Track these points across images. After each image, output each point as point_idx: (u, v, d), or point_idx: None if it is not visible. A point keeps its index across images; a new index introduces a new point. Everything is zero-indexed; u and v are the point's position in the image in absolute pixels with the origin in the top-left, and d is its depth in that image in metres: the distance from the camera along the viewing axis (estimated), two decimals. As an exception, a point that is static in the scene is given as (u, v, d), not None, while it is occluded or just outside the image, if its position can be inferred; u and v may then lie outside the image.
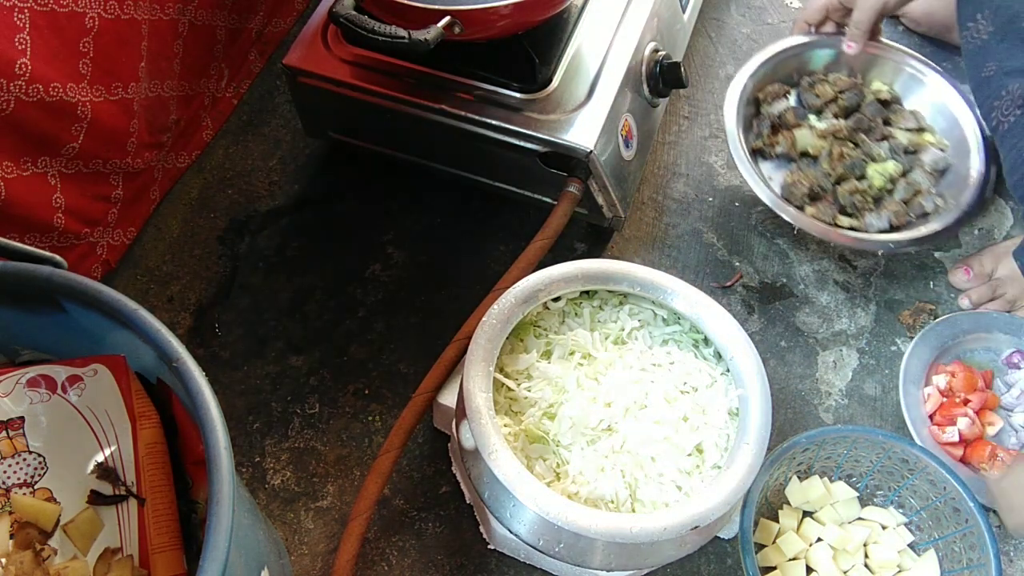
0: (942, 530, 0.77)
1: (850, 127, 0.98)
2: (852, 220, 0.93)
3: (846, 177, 0.95)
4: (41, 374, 0.59)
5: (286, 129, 1.06)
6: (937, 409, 0.88)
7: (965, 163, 0.96)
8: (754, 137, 0.99)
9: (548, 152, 0.84)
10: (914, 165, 0.97)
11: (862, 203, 0.92)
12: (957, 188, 0.94)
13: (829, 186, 0.94)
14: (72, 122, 0.78)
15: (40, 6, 0.70)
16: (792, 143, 0.97)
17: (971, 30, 0.93)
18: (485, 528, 0.80)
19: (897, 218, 0.92)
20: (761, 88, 1.01)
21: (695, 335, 0.76)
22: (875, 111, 1.00)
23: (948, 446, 0.85)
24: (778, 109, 1.00)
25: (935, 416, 0.87)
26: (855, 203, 0.92)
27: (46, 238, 0.82)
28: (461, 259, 0.97)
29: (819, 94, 1.01)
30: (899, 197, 0.94)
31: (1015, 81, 0.86)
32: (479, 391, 0.67)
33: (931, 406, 0.88)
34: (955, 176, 0.96)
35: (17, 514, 0.54)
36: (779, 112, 1.00)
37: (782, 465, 0.77)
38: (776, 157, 0.98)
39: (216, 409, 0.51)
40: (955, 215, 0.92)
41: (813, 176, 0.94)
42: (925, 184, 0.95)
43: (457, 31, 0.73)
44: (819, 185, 0.94)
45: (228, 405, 0.87)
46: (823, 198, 0.94)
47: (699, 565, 0.80)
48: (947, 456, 0.84)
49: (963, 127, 0.98)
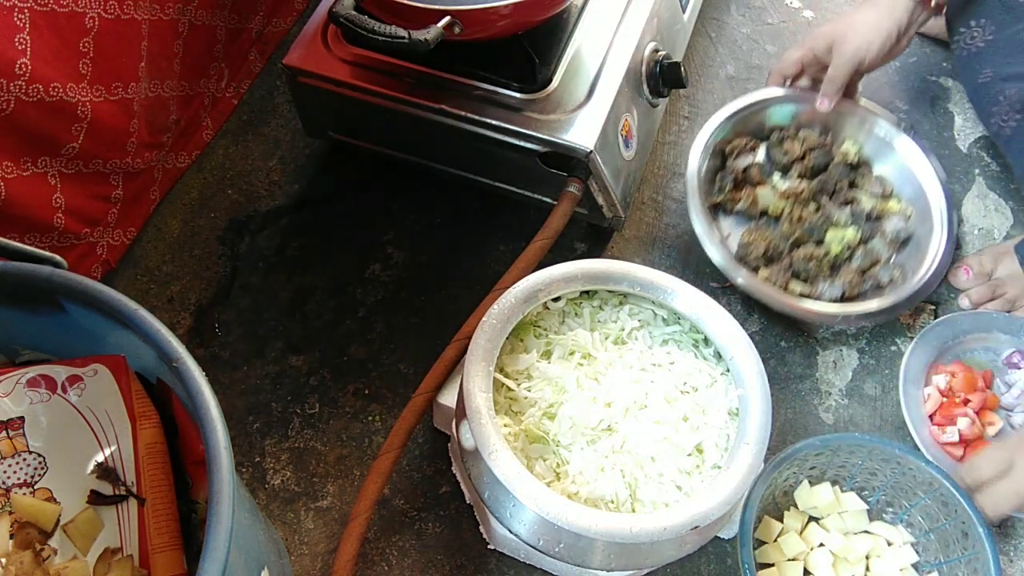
0: (948, 554, 0.76)
1: (814, 188, 0.96)
2: (805, 286, 0.90)
3: (804, 240, 0.92)
4: (41, 374, 0.59)
5: (286, 129, 1.06)
6: (937, 409, 0.87)
7: (928, 234, 0.93)
8: (716, 191, 0.96)
9: (548, 152, 0.84)
10: (875, 232, 0.94)
11: (816, 270, 0.90)
12: (917, 260, 0.92)
13: (786, 248, 0.92)
14: (72, 122, 0.78)
15: (40, 6, 0.70)
16: (753, 201, 0.94)
17: (964, 36, 0.93)
18: (485, 528, 0.80)
19: (851, 288, 0.89)
20: (729, 141, 0.98)
21: (695, 335, 0.76)
22: (842, 173, 0.97)
23: (948, 446, 0.85)
24: (743, 164, 0.97)
25: (935, 416, 0.87)
26: (809, 269, 0.90)
27: (46, 238, 0.82)
28: (461, 259, 0.97)
29: (787, 151, 0.98)
30: (856, 265, 0.92)
31: (1013, 86, 0.87)
32: (479, 391, 0.67)
33: (931, 406, 0.87)
34: (916, 247, 0.93)
35: (17, 514, 0.54)
36: (744, 167, 0.97)
37: (792, 466, 0.77)
38: (737, 213, 0.96)
39: (216, 409, 0.51)
40: (908, 292, 0.89)
41: (770, 237, 0.91)
42: (884, 254, 0.92)
43: (457, 31, 0.73)
44: (776, 247, 0.91)
45: (228, 405, 0.87)
46: (778, 261, 0.91)
47: (699, 565, 0.80)
48: (947, 456, 0.84)
49: (929, 197, 0.95)
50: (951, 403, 0.87)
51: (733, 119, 0.98)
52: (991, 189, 1.04)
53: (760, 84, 1.12)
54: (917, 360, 0.89)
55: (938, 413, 0.87)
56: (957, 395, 0.88)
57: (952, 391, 0.88)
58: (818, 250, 0.91)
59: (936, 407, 0.87)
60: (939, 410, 0.87)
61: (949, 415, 0.86)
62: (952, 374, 0.89)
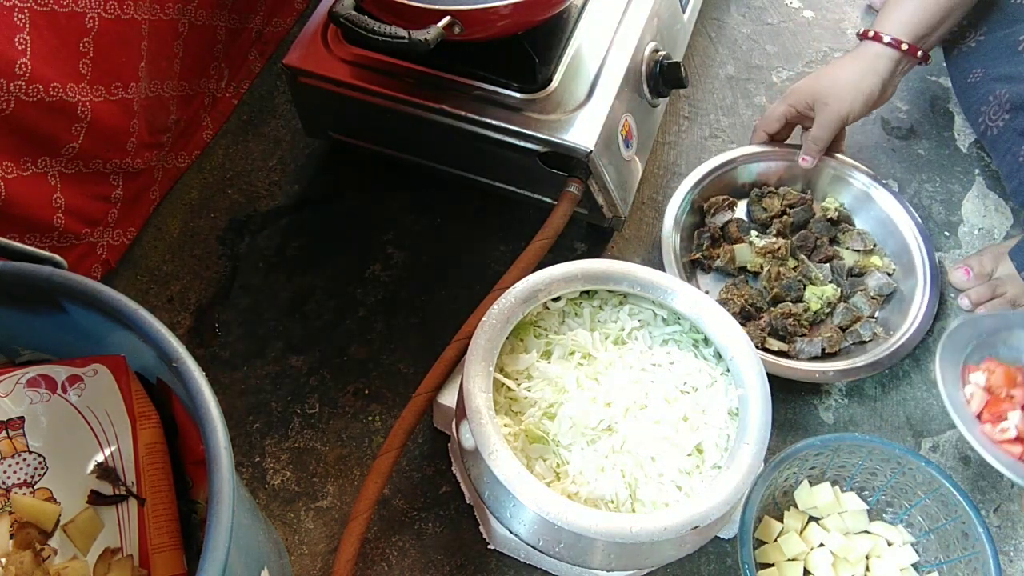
0: (948, 554, 0.76)
1: (793, 245, 0.95)
2: (782, 344, 0.89)
3: (782, 297, 0.91)
4: (41, 374, 0.59)
5: (286, 129, 1.06)
6: (984, 407, 0.83)
7: (912, 289, 0.92)
8: (695, 248, 0.96)
9: (548, 152, 0.84)
10: (856, 289, 0.93)
11: (794, 328, 0.89)
12: (900, 315, 0.91)
13: (765, 305, 0.91)
14: (72, 122, 0.78)
15: (40, 6, 0.70)
16: (731, 258, 0.93)
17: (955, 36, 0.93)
18: (485, 528, 0.80)
19: (831, 345, 0.88)
20: (707, 198, 0.98)
21: (695, 335, 0.76)
22: (822, 229, 0.96)
23: (1007, 444, 0.81)
24: (721, 221, 0.97)
25: (983, 415, 0.83)
26: (787, 327, 0.89)
27: (46, 238, 0.82)
28: (461, 259, 0.97)
29: (767, 207, 0.97)
30: (837, 322, 0.91)
31: (1002, 87, 0.87)
32: (479, 391, 0.67)
33: (976, 405, 0.84)
34: (900, 302, 0.93)
35: (17, 514, 0.54)
36: (722, 224, 0.97)
37: (792, 466, 0.77)
38: (716, 270, 0.95)
39: (216, 409, 0.51)
40: (891, 347, 0.88)
41: (748, 294, 0.90)
42: (866, 310, 0.92)
43: (457, 31, 0.73)
44: (753, 304, 0.90)
45: (228, 405, 0.87)
46: (756, 318, 0.90)
47: (699, 565, 0.80)
48: (1006, 455, 0.80)
49: (912, 252, 0.94)
50: (996, 399, 0.84)
51: (713, 174, 0.97)
52: (991, 189, 1.04)
53: (760, 84, 1.12)
54: (949, 362, 0.85)
55: (985, 411, 0.83)
56: (998, 391, 0.84)
57: (992, 388, 0.85)
58: (796, 307, 0.90)
59: (982, 405, 0.84)
60: (986, 408, 0.83)
61: (998, 412, 0.82)
62: (989, 371, 0.85)
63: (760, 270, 0.94)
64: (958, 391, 0.84)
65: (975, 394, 0.84)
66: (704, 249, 0.95)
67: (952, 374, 0.85)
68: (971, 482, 0.86)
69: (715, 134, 1.08)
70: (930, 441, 0.89)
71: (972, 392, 0.84)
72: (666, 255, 0.91)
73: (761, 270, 0.94)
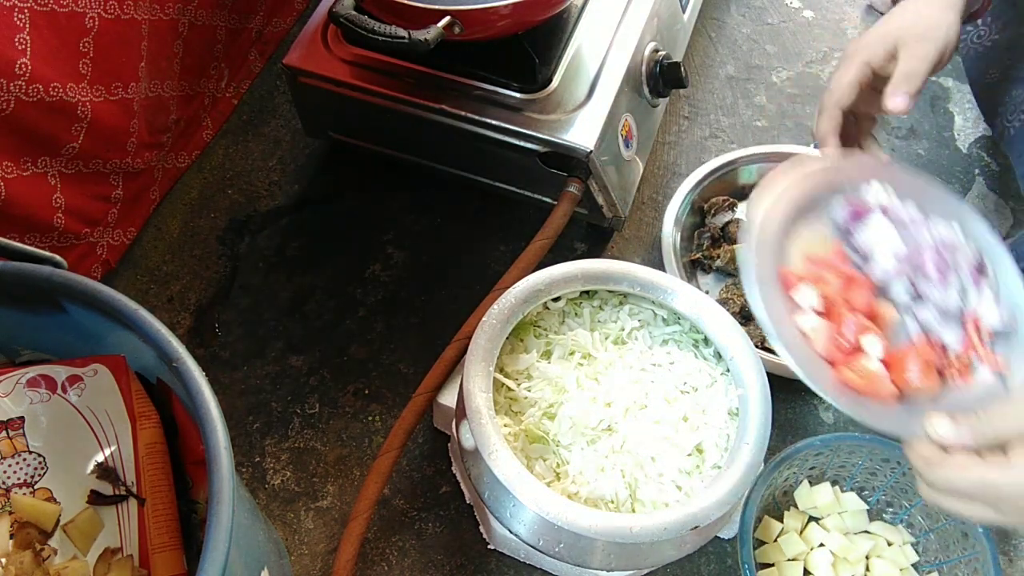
0: (948, 554, 0.76)
1: None
2: None
3: None
4: (41, 374, 0.59)
5: (286, 129, 1.06)
6: (831, 342, 0.61)
7: None
8: (695, 248, 0.95)
9: (548, 152, 0.84)
10: None
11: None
12: None
13: None
14: (72, 122, 0.78)
15: (40, 6, 0.70)
16: (731, 258, 0.93)
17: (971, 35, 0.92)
18: (485, 528, 0.80)
19: None
20: (707, 198, 0.97)
21: (695, 335, 0.76)
22: None
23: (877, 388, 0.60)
24: (722, 221, 0.97)
25: (832, 354, 0.61)
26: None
27: (46, 238, 0.82)
28: (461, 259, 0.97)
29: None
30: None
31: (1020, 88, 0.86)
32: (479, 391, 0.67)
33: (822, 342, 0.60)
34: None
35: (17, 514, 0.54)
36: (722, 224, 0.96)
37: (792, 466, 0.77)
38: (716, 271, 0.95)
39: (216, 409, 0.51)
40: None
41: None
42: None
43: (457, 31, 0.73)
44: None
45: (228, 405, 0.87)
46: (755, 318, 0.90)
47: (699, 565, 0.80)
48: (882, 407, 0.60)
49: None
50: (846, 325, 0.61)
51: (712, 177, 0.97)
52: (991, 189, 1.04)
53: (760, 84, 1.12)
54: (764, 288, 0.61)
55: (835, 347, 0.61)
56: (838, 305, 0.62)
57: (832, 303, 0.62)
58: None
59: (831, 342, 0.61)
60: (833, 342, 0.62)
61: (855, 343, 0.61)
62: (816, 279, 0.63)
63: None
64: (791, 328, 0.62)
65: (817, 328, 0.61)
66: (704, 249, 0.95)
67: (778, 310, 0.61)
68: (971, 482, 0.86)
69: (715, 134, 1.08)
70: (930, 441, 0.88)
71: (811, 325, 0.62)
72: (666, 255, 0.91)
73: None
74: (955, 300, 0.66)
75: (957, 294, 0.66)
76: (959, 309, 0.66)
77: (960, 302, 0.66)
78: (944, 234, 0.68)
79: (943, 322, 0.65)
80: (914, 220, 0.69)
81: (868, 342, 0.62)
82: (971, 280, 0.67)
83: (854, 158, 0.74)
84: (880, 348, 0.62)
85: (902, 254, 0.66)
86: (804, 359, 0.60)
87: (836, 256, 0.66)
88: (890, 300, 0.66)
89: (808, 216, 0.68)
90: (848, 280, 0.64)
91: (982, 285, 0.67)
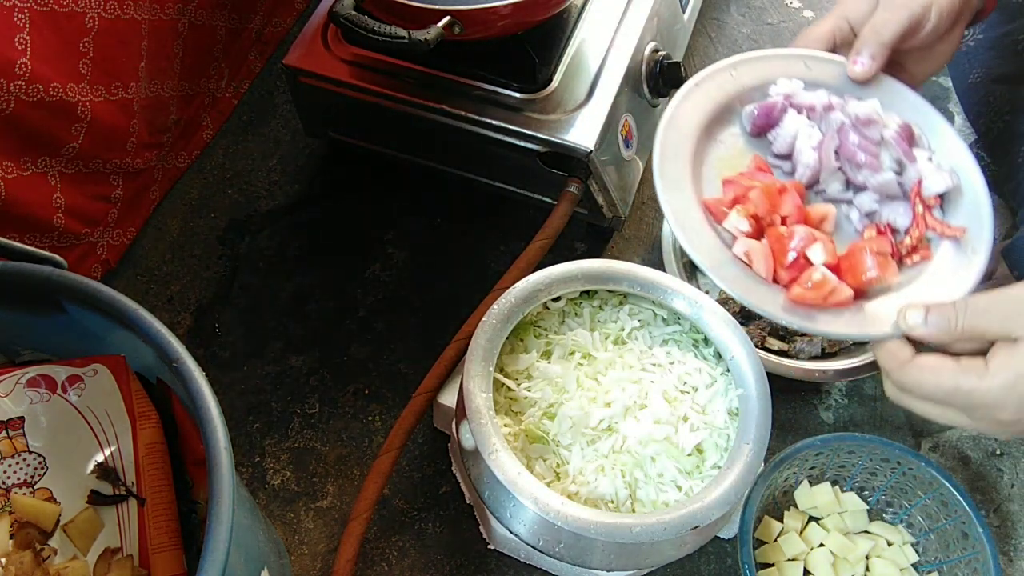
0: (948, 554, 0.76)
1: None
2: (782, 343, 0.88)
3: None
4: (41, 374, 0.59)
5: (286, 129, 1.06)
6: (775, 263, 0.59)
7: None
8: None
9: (548, 152, 0.84)
10: None
11: (794, 329, 0.87)
12: None
13: None
14: (72, 122, 0.78)
15: (40, 6, 0.70)
16: None
17: None
18: (485, 528, 0.80)
19: (831, 345, 0.87)
20: None
21: (695, 335, 0.76)
22: None
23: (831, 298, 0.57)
24: None
25: (779, 275, 0.59)
26: (786, 327, 0.86)
27: (46, 238, 0.82)
28: (461, 259, 0.97)
29: None
30: None
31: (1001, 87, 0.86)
32: (479, 391, 0.67)
33: (763, 264, 0.58)
34: None
35: (17, 514, 0.54)
36: None
37: (792, 466, 0.77)
38: None
39: (216, 409, 0.51)
40: None
41: None
42: None
43: (457, 31, 0.73)
44: None
45: (228, 405, 0.87)
46: (756, 318, 0.89)
47: (699, 565, 0.80)
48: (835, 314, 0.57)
49: None
50: (781, 240, 0.57)
51: None
52: (992, 189, 1.04)
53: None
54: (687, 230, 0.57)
55: (780, 269, 0.59)
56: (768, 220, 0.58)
57: (759, 220, 0.59)
58: None
59: (770, 262, 0.59)
60: (776, 262, 0.59)
61: (797, 257, 0.58)
62: (737, 199, 0.59)
63: None
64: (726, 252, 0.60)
65: (751, 251, 0.59)
66: None
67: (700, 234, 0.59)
68: (971, 482, 0.86)
69: (715, 134, 1.08)
70: (930, 441, 0.89)
71: (744, 250, 0.59)
72: (666, 255, 0.91)
73: None
74: (891, 177, 0.63)
75: (891, 171, 0.63)
76: (898, 184, 0.63)
77: (897, 177, 0.63)
78: (859, 110, 0.64)
79: (886, 203, 0.63)
80: (826, 105, 0.65)
81: (812, 251, 0.59)
82: (901, 151, 0.64)
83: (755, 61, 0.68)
84: (822, 254, 0.58)
85: (817, 142, 0.63)
86: (746, 288, 0.57)
87: (755, 169, 0.63)
88: (830, 200, 0.63)
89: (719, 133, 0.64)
90: (771, 191, 0.60)
91: (915, 152, 0.64)
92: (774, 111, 0.66)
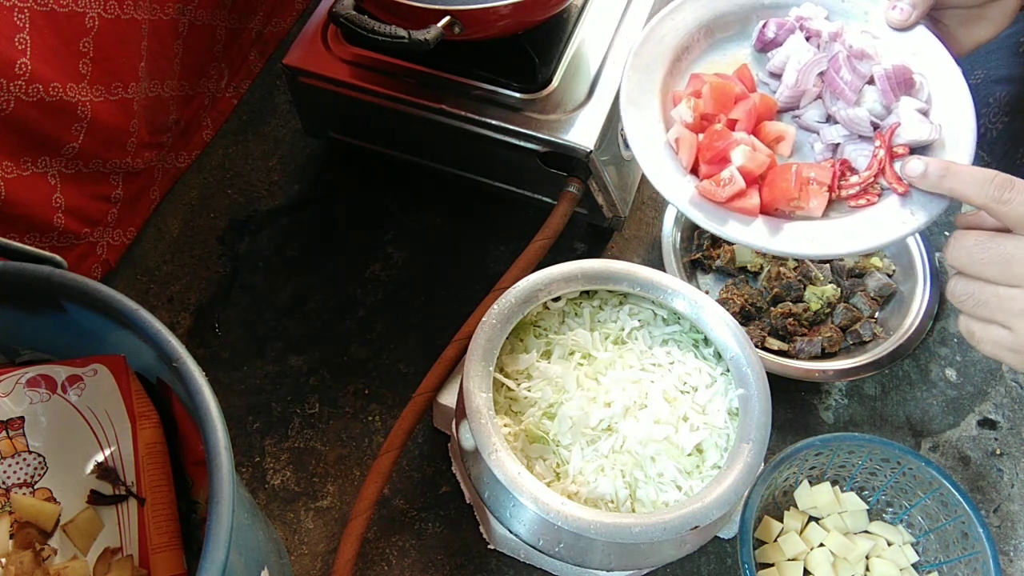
0: (948, 554, 0.76)
1: None
2: (782, 343, 0.89)
3: (782, 297, 0.91)
4: (41, 374, 0.59)
5: (286, 129, 1.06)
6: (696, 156, 0.60)
7: (912, 290, 0.91)
8: (694, 248, 0.95)
9: (548, 152, 0.84)
10: (856, 289, 0.92)
11: (794, 328, 0.89)
12: (900, 315, 0.90)
13: (764, 305, 0.91)
14: (72, 122, 0.78)
15: (40, 6, 0.70)
16: (731, 258, 0.92)
17: None
18: (485, 528, 0.80)
19: (831, 345, 0.88)
20: None
21: (695, 335, 0.76)
22: None
23: (735, 201, 0.58)
24: None
25: (700, 170, 0.60)
26: (787, 327, 0.89)
27: (46, 238, 0.82)
28: (461, 259, 0.97)
29: None
30: (837, 322, 0.90)
31: (1002, 88, 0.87)
32: (479, 391, 0.67)
33: (687, 155, 0.59)
34: (899, 303, 0.92)
35: (17, 514, 0.54)
36: None
37: (792, 466, 0.77)
38: (716, 270, 0.94)
39: (216, 409, 0.51)
40: (891, 347, 0.87)
41: (748, 294, 0.90)
42: (866, 311, 0.91)
43: (457, 31, 0.73)
44: (753, 304, 0.90)
45: (228, 405, 0.87)
46: (756, 318, 0.90)
47: (699, 565, 0.80)
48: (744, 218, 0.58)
49: (911, 253, 0.93)
50: (712, 135, 0.59)
51: None
52: (991, 189, 1.04)
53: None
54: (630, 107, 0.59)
55: (701, 163, 0.60)
56: (715, 120, 0.60)
57: (705, 118, 0.61)
58: (796, 307, 0.90)
59: (693, 153, 0.59)
60: (699, 155, 0.60)
61: (718, 154, 0.58)
62: (695, 94, 0.61)
63: (760, 270, 0.94)
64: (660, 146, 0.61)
65: (682, 138, 0.61)
66: (704, 249, 0.95)
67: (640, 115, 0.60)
68: (971, 482, 0.86)
69: (715, 134, 1.08)
70: (930, 441, 0.89)
71: (677, 137, 0.61)
72: (666, 255, 0.91)
73: (761, 270, 0.94)
74: (864, 115, 0.62)
75: (870, 110, 0.63)
76: (872, 125, 0.63)
77: (875, 119, 0.63)
78: (856, 41, 0.64)
79: (853, 141, 0.63)
80: (833, 34, 0.65)
81: (735, 153, 0.59)
82: (883, 88, 0.63)
83: None
84: (742, 157, 0.59)
85: (805, 64, 0.63)
86: (663, 173, 0.58)
87: (736, 76, 0.64)
88: (805, 127, 0.64)
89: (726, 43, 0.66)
90: (724, 91, 0.61)
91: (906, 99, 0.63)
92: (782, 30, 0.66)
